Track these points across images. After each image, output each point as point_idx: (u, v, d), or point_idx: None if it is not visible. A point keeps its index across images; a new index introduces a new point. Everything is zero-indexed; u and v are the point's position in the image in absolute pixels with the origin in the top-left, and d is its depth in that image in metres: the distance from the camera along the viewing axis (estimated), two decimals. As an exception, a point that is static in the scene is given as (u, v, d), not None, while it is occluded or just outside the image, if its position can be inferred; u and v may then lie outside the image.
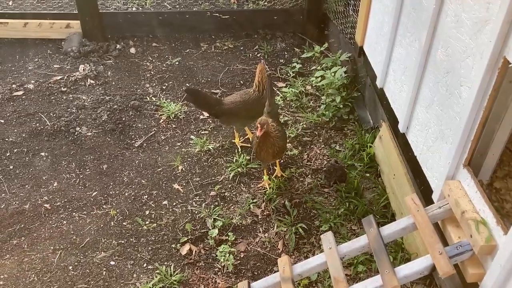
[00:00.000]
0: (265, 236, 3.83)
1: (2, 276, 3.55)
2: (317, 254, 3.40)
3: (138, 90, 5.46)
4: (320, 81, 5.13)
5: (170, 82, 5.59)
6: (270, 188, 4.17)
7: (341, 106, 4.85)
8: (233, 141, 4.71)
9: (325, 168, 4.31)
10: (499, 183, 2.92)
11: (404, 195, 3.46)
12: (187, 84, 5.52)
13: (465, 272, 2.54)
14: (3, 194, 4.21)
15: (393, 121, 3.85)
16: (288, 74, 5.60)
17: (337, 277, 2.78)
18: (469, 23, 2.58)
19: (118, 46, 6.10)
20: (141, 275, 3.55)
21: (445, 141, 2.92)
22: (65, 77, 5.59)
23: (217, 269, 3.61)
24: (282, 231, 3.85)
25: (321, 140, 4.70)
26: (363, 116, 4.85)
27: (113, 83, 5.58)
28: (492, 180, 2.91)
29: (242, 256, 3.70)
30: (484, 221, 2.45)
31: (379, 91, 4.20)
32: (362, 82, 4.89)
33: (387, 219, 3.78)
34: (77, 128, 4.90)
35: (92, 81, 5.57)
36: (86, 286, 3.49)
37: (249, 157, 4.52)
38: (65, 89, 5.45)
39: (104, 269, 3.60)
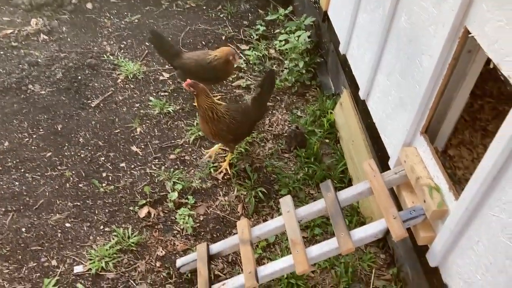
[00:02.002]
0: (225, 200, 3.84)
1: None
2: (275, 217, 3.44)
3: (95, 48, 5.24)
4: (284, 45, 5.07)
5: (129, 41, 5.39)
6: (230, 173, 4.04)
7: (304, 71, 4.84)
8: (194, 104, 4.63)
9: (286, 134, 4.33)
10: (453, 150, 3.01)
11: (362, 161, 3.52)
12: (147, 44, 5.34)
13: (417, 235, 2.64)
14: (-51, 153, 4.00)
15: (354, 88, 3.88)
16: (252, 37, 5.51)
17: (294, 239, 2.83)
18: (433, -9, 2.58)
19: (73, 0, 5.79)
20: (98, 237, 3.50)
21: (404, 108, 2.97)
22: (16, 31, 5.28)
23: (176, 231, 3.61)
24: (242, 194, 3.87)
25: (283, 106, 4.69)
26: (325, 82, 4.87)
27: (68, 39, 5.32)
28: (446, 147, 3.00)
29: (201, 219, 3.70)
30: (437, 187, 2.54)
31: (342, 57, 4.20)
32: (326, 47, 4.87)
33: (344, 184, 3.86)
34: (30, 86, 4.67)
35: (45, 37, 5.29)
36: (40, 248, 3.41)
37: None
38: (15, 44, 5.15)
39: (59, 231, 3.52)
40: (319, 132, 4.28)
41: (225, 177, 4.00)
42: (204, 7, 5.98)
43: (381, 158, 3.30)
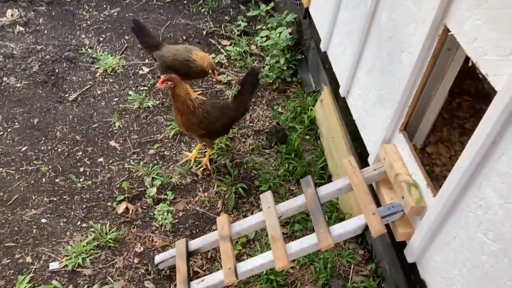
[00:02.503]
0: (204, 196, 3.81)
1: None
2: (255, 213, 3.44)
3: (73, 41, 5.14)
4: (265, 41, 5.06)
5: (108, 34, 5.30)
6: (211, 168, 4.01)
7: (285, 68, 4.84)
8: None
9: (266, 130, 4.32)
10: (431, 148, 3.05)
11: (342, 158, 3.54)
12: (127, 38, 5.26)
13: (395, 231, 2.67)
14: None
15: (335, 85, 3.89)
16: (233, 32, 5.48)
17: (274, 235, 2.83)
18: (414, -11, 2.60)
19: (51, -9, 5.67)
20: (75, 233, 3.44)
21: (383, 105, 2.99)
22: (-10, 22, 5.14)
23: (154, 227, 3.57)
24: (222, 190, 3.85)
25: (264, 102, 4.68)
26: (305, 79, 4.87)
27: (46, 31, 5.20)
28: (425, 144, 3.04)
29: (180, 215, 3.67)
30: (415, 183, 2.57)
31: (323, 54, 4.20)
32: (307, 44, 4.88)
33: (324, 180, 3.88)
34: (5, 78, 4.56)
35: (21, 28, 5.16)
36: (14, 244, 3.33)
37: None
38: (-10, 35, 5.02)
39: (35, 227, 3.45)
40: (300, 129, 4.29)
41: (205, 173, 3.97)
42: (185, 2, 5.92)
43: (361, 155, 3.32)
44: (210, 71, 4.16)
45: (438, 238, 2.35)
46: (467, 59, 2.18)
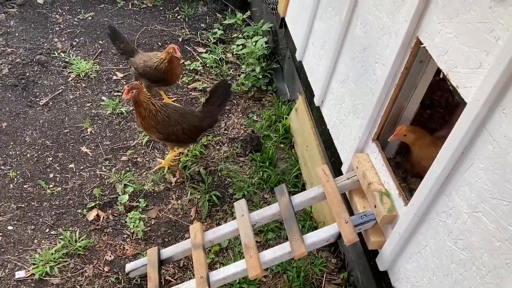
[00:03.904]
0: (177, 203, 3.77)
1: None
2: (229, 221, 3.42)
3: (45, 44, 5.04)
4: (241, 49, 5.07)
5: (82, 38, 5.22)
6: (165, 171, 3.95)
7: (261, 76, 4.85)
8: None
9: (241, 137, 4.32)
10: (403, 157, 3.10)
11: (316, 166, 3.56)
12: (101, 42, 5.19)
13: (367, 240, 2.69)
14: None
15: (310, 95, 3.93)
16: (209, 40, 5.47)
17: (247, 243, 2.82)
18: (388, 2, 2.65)
19: (23, -7, 5.56)
20: (43, 241, 3.35)
21: (357, 115, 3.03)
22: (-41, 23, 5.00)
23: (126, 235, 3.51)
24: (195, 198, 3.82)
25: (239, 110, 4.68)
26: (281, 88, 4.90)
27: (17, 34, 5.09)
28: (396, 154, 3.08)
29: (153, 223, 3.62)
30: (388, 192, 2.60)
31: (298, 64, 4.24)
32: (282, 54, 4.91)
33: (298, 188, 3.89)
34: (-28, 81, 4.43)
35: (-9, 30, 5.04)
36: (-22, 252, 3.23)
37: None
38: (-42, 36, 4.87)
39: (0, 234, 3.34)
40: (275, 137, 4.30)
41: (179, 180, 3.94)
42: (161, 8, 5.89)
43: (335, 164, 3.35)
44: (172, 51, 4.02)
45: (409, 246, 2.38)
46: (439, 71, 2.23)
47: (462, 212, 2.00)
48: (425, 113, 3.62)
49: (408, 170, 2.98)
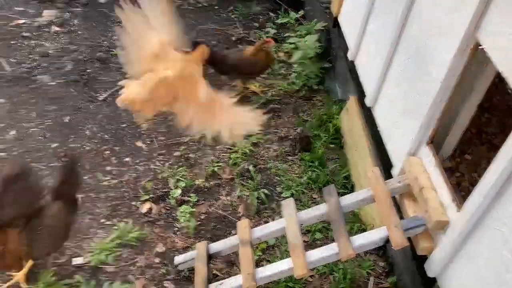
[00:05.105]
0: (227, 199, 3.85)
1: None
2: (276, 219, 3.45)
3: (105, 42, 5.27)
4: (293, 48, 5.08)
5: (140, 37, 5.40)
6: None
7: (312, 76, 4.85)
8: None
9: (291, 137, 4.34)
10: (457, 162, 3.01)
11: (365, 168, 3.53)
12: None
13: (417, 245, 2.64)
14: (-44, 139, 4.04)
15: (361, 95, 3.88)
16: (261, 39, 5.51)
17: (294, 242, 2.83)
18: (446, 1, 2.59)
19: (86, -7, 5.84)
20: (99, 230, 3.52)
21: (410, 117, 2.97)
22: (28, 22, 5.32)
23: (176, 228, 3.61)
24: (244, 195, 3.87)
25: (289, 109, 4.70)
26: (332, 88, 4.87)
27: (80, 32, 5.36)
28: (451, 159, 3.00)
29: (202, 218, 3.71)
30: (440, 197, 2.54)
31: (350, 63, 4.20)
32: (334, 53, 4.88)
33: (347, 190, 3.86)
34: (39, 76, 4.71)
35: (57, 28, 5.33)
36: (41, 238, 3.43)
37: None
38: (27, 34, 5.19)
39: (61, 222, 3.54)
40: (325, 137, 4.28)
41: (228, 177, 4.00)
42: (216, 7, 6.00)
43: (385, 166, 3.30)
44: (263, 42, 4.49)
45: (461, 254, 2.32)
46: (499, 73, 2.16)
47: (519, 221, 1.93)
48: (483, 116, 3.50)
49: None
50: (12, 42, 5.05)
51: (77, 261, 3.31)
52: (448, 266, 2.42)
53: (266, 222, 3.66)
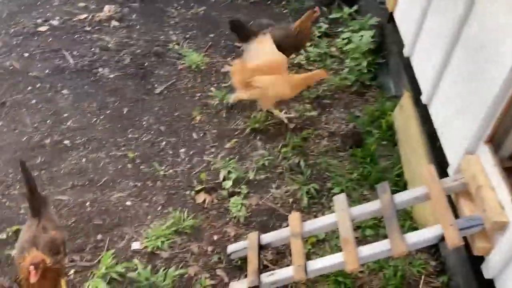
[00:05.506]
0: (277, 193, 3.91)
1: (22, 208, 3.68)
2: (326, 214, 3.48)
3: (162, 37, 5.44)
4: (346, 43, 5.06)
5: (194, 31, 5.55)
6: None
7: (365, 71, 4.81)
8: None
9: (342, 132, 4.34)
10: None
11: (419, 166, 3.49)
12: (211, 36, 5.48)
13: (473, 245, 2.61)
14: (25, 128, 4.31)
15: (416, 92, 3.83)
16: (314, 34, 5.52)
17: (346, 237, 2.86)
18: (510, 0, 2.52)
19: (144, -11, 6.03)
20: (155, 218, 3.68)
21: (468, 116, 2.91)
22: (90, 17, 5.58)
23: (228, 219, 3.72)
24: (294, 189, 3.92)
25: (341, 104, 4.69)
26: (385, 84, 4.82)
27: (137, 27, 5.56)
28: (511, 158, 2.92)
29: (253, 209, 3.79)
30: (499, 198, 2.49)
31: (405, 59, 4.14)
32: (388, 49, 4.82)
33: (399, 187, 3.81)
34: (100, 69, 4.94)
35: (116, 23, 5.55)
36: (101, 223, 3.63)
37: (267, 115, 4.53)
38: (89, 28, 5.44)
39: (120, 208, 3.73)
40: (377, 134, 4.25)
41: (278, 170, 4.06)
42: (269, 2, 6.05)
43: (440, 164, 3.25)
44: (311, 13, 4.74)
45: (521, 256, 2.28)
46: None
47: None
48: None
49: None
50: (75, 36, 5.32)
51: (135, 246, 3.48)
52: (507, 267, 2.38)
53: (316, 216, 3.69)
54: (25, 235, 2.95)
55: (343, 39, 5.15)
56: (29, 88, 4.71)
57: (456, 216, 2.81)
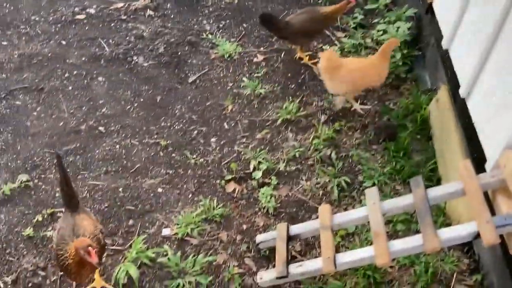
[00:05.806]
0: (307, 184, 3.89)
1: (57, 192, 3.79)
2: (357, 208, 3.44)
3: (195, 26, 5.46)
4: (382, 35, 4.96)
5: (227, 21, 5.55)
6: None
7: (400, 63, 4.71)
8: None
9: (376, 125, 4.26)
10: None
11: (454, 161, 3.40)
12: (244, 25, 5.47)
13: (509, 244, 2.53)
14: (62, 113, 4.43)
15: (454, 85, 3.72)
16: (349, 25, 5.43)
17: (377, 231, 2.82)
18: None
19: (178, -21, 6.06)
20: (186, 205, 3.72)
21: (509, 110, 2.81)
22: (126, 5, 5.65)
23: (257, 209, 3.73)
24: (324, 181, 3.89)
25: (375, 96, 4.61)
26: (421, 77, 4.70)
27: (172, 16, 5.59)
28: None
29: (282, 200, 3.79)
30: (539, 196, 2.40)
31: (443, 52, 4.02)
32: (425, 41, 4.70)
33: (433, 182, 3.73)
34: (135, 57, 5.00)
35: (151, 12, 5.60)
36: (133, 208, 3.70)
37: (299, 105, 4.49)
38: (125, 17, 5.52)
39: (152, 195, 3.79)
40: (411, 127, 4.15)
41: (309, 162, 4.03)
42: (304, -8, 5.98)
43: (476, 160, 3.16)
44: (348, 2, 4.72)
45: (561, 257, 2.19)
46: None
47: None
48: None
49: None
50: (111, 24, 5.40)
51: (166, 232, 3.54)
52: (544, 268, 2.30)
53: (346, 209, 3.66)
54: (64, 225, 2.99)
55: (379, 30, 5.04)
56: (66, 75, 4.82)
57: (493, 213, 2.73)
